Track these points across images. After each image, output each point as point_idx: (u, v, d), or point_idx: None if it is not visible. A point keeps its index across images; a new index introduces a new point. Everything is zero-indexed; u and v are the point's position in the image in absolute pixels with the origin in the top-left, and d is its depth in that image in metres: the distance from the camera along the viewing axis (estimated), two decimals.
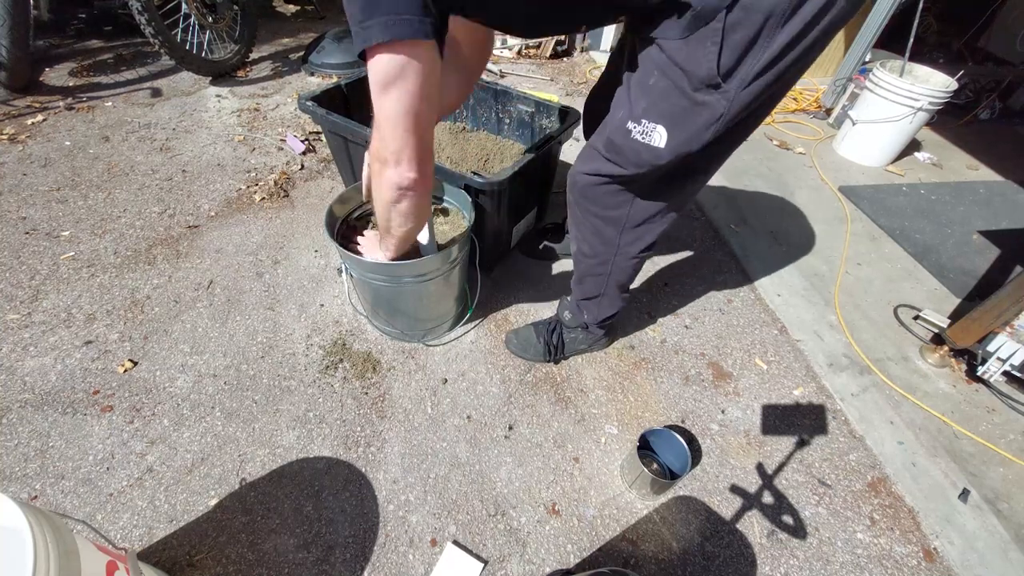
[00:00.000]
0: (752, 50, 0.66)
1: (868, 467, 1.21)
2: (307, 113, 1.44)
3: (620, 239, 1.03)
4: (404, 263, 1.10)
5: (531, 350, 1.34)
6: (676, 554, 1.04)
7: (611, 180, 0.92)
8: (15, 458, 1.06)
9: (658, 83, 0.75)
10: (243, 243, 1.63)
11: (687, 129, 0.76)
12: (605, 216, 1.00)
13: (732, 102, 0.71)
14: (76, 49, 2.64)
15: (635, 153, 0.82)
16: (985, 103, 2.94)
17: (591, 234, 1.06)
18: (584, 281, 1.18)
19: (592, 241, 1.07)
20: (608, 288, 1.16)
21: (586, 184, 0.97)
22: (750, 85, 0.69)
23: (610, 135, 0.85)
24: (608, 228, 1.02)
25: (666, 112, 0.76)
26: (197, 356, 1.29)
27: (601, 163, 0.91)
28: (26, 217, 1.62)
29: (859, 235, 1.97)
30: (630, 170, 0.86)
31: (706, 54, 0.68)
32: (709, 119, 0.73)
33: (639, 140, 0.80)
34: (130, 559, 0.69)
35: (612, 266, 1.09)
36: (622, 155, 0.85)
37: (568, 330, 1.32)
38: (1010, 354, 1.31)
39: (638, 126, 0.79)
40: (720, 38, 0.66)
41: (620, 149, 0.84)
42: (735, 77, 0.69)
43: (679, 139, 0.77)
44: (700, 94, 0.71)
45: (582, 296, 1.23)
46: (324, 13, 3.53)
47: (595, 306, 1.22)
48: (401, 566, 0.97)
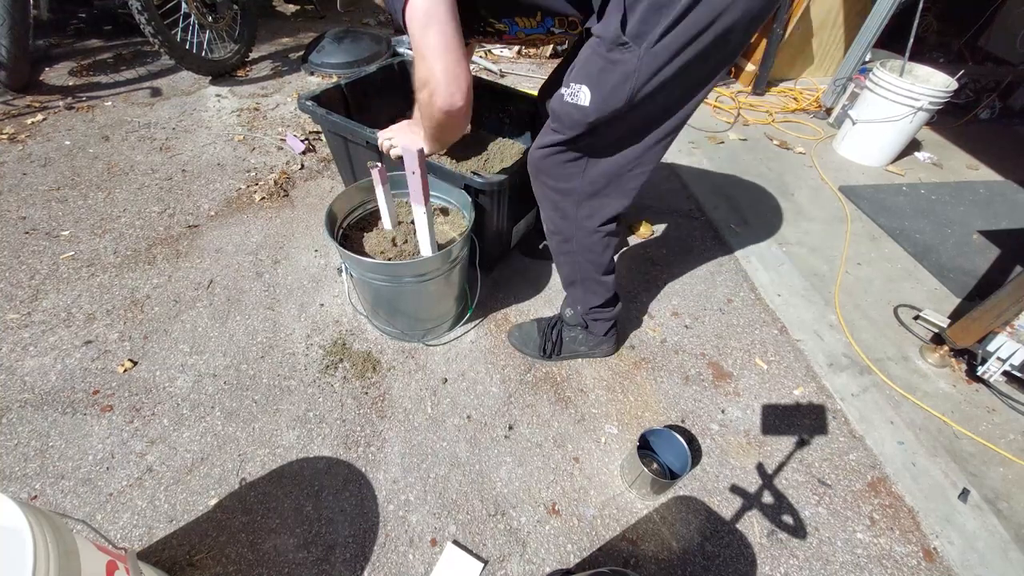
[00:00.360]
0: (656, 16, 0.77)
1: (868, 467, 1.21)
2: (307, 113, 1.44)
3: (577, 212, 1.08)
4: (404, 263, 1.10)
5: (530, 344, 1.35)
6: (676, 554, 1.04)
7: (557, 148, 1.00)
8: (15, 458, 1.06)
9: (582, 53, 0.88)
10: (243, 243, 1.63)
11: (605, 85, 0.85)
12: (559, 188, 1.06)
13: (642, 59, 0.80)
14: (76, 48, 2.64)
15: (568, 115, 0.92)
16: (985, 103, 2.94)
17: (551, 209, 1.12)
18: (560, 264, 1.23)
19: (552, 216, 1.13)
20: (582, 270, 1.19)
21: (539, 157, 1.04)
22: (656, 44, 0.79)
23: (551, 105, 0.95)
24: (564, 201, 1.08)
25: (587, 72, 0.87)
26: (197, 356, 1.29)
27: (548, 135, 1.00)
28: (26, 217, 1.62)
29: (859, 235, 1.97)
30: (568, 133, 0.95)
31: (612, 20, 0.81)
32: (623, 74, 0.83)
33: (569, 102, 0.90)
34: (130, 559, 0.69)
35: (575, 243, 1.13)
36: (560, 120, 0.94)
37: (568, 328, 1.32)
38: (1010, 354, 1.31)
39: (567, 89, 0.90)
40: (622, 7, 0.79)
41: (558, 114, 0.94)
42: (643, 38, 0.79)
43: (600, 95, 0.86)
44: (612, 53, 0.82)
45: (564, 282, 1.27)
46: (324, 13, 3.53)
47: (580, 293, 1.24)
48: (401, 566, 0.97)
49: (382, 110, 1.79)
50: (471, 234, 1.23)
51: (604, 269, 1.18)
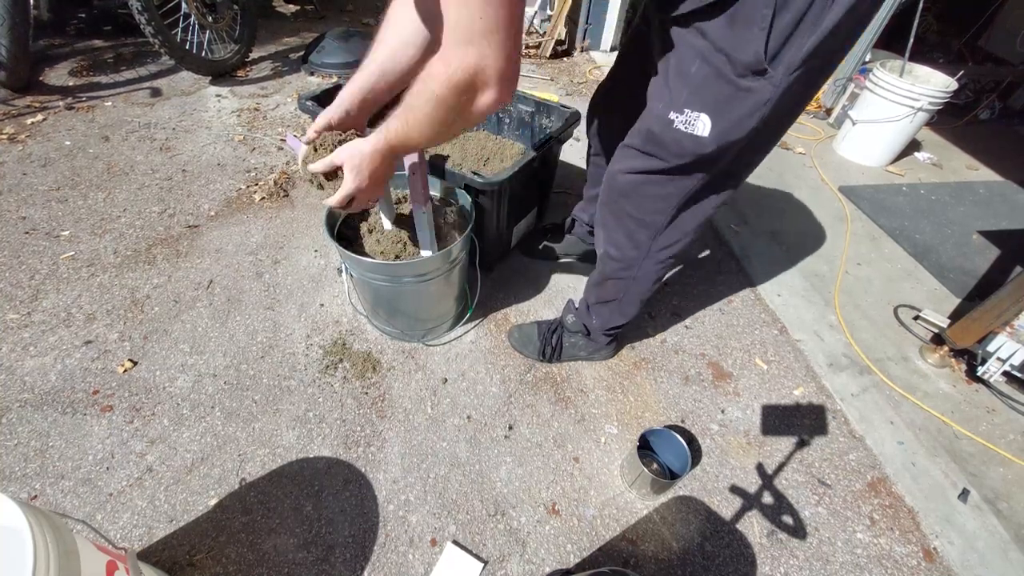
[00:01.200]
0: (797, 32, 0.63)
1: (868, 467, 1.21)
2: (307, 113, 1.44)
3: (653, 243, 0.99)
4: (404, 263, 1.10)
5: (530, 346, 1.35)
6: (676, 554, 1.04)
7: (653, 177, 0.89)
8: (15, 458, 1.06)
9: (700, 70, 0.72)
10: (243, 243, 1.63)
11: (731, 116, 0.73)
12: (641, 219, 0.96)
13: (778, 87, 0.68)
14: (76, 49, 2.64)
15: (677, 144, 0.80)
16: (985, 103, 2.95)
17: (623, 237, 1.02)
18: (605, 284, 1.15)
19: (622, 244, 1.03)
20: (628, 294, 1.13)
21: (626, 183, 0.93)
22: (797, 71, 0.66)
23: (650, 127, 0.82)
24: (641, 231, 0.98)
25: (709, 100, 0.73)
26: (197, 356, 1.29)
27: (640, 159, 0.88)
28: (26, 217, 1.62)
29: (859, 235, 1.97)
30: (672, 162, 0.83)
31: (752, 38, 0.65)
32: (754, 106, 0.71)
33: (682, 130, 0.77)
34: (130, 559, 0.69)
35: (638, 271, 1.06)
36: (663, 147, 0.82)
37: (568, 334, 1.32)
38: (1010, 354, 1.31)
39: (680, 115, 0.76)
40: (769, 22, 0.63)
41: (661, 140, 0.82)
42: (781, 62, 0.66)
43: (723, 127, 0.74)
44: (745, 80, 0.69)
45: (598, 299, 1.19)
46: (324, 13, 3.53)
47: (608, 311, 1.19)
48: (401, 566, 0.97)
49: (382, 110, 1.79)
50: (471, 234, 1.23)
51: (650, 294, 1.14)
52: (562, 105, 1.54)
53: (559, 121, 1.54)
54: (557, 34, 3.09)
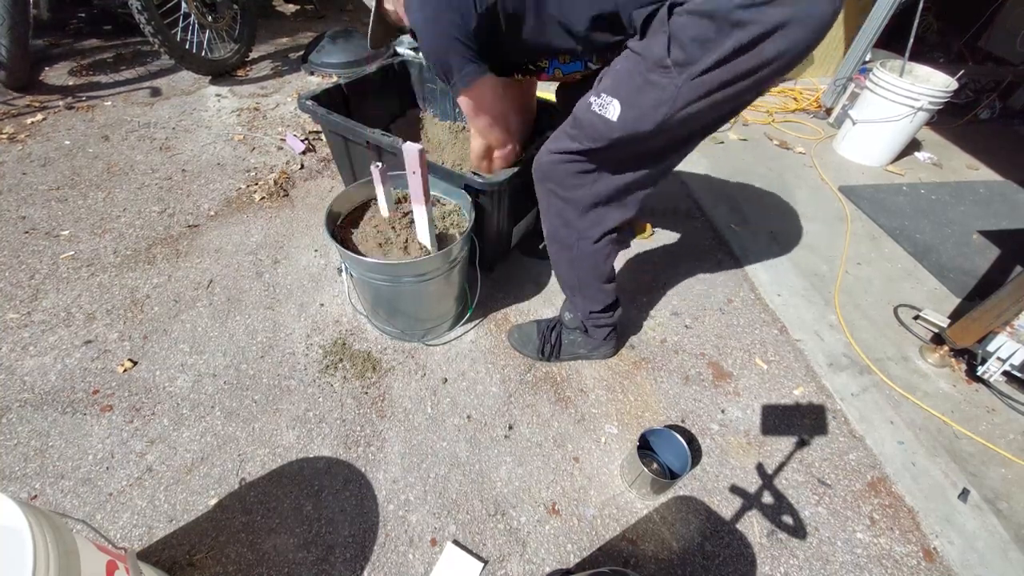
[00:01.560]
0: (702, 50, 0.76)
1: (868, 467, 1.21)
2: (307, 112, 1.44)
3: (580, 221, 1.07)
4: (404, 263, 1.10)
5: (529, 345, 1.35)
6: (676, 553, 1.04)
7: (571, 157, 0.99)
8: (15, 458, 1.06)
9: (621, 64, 0.87)
10: (243, 242, 1.62)
11: (638, 105, 0.84)
12: (565, 196, 1.05)
13: (680, 88, 0.80)
14: (76, 48, 2.64)
15: (592, 126, 0.91)
16: (985, 103, 2.94)
17: (554, 215, 1.11)
18: (559, 268, 1.22)
19: (555, 223, 1.12)
20: (582, 277, 1.18)
21: (548, 162, 1.03)
22: (697, 78, 0.78)
23: (575, 112, 0.95)
24: (568, 209, 1.07)
25: (621, 87, 0.86)
26: (197, 356, 1.29)
27: (564, 141, 0.99)
28: (25, 216, 1.62)
29: (859, 235, 1.97)
30: (587, 144, 0.94)
31: (658, 42, 0.80)
32: (658, 99, 0.82)
33: (596, 112, 0.89)
34: (130, 559, 0.69)
35: (576, 251, 1.13)
36: (581, 128, 0.93)
37: (568, 331, 1.32)
38: (1010, 354, 1.31)
39: (598, 99, 0.88)
40: (667, 32, 0.78)
41: (580, 123, 0.93)
42: (686, 68, 0.78)
43: (630, 114, 0.85)
44: (652, 74, 0.81)
45: (564, 286, 1.27)
46: (324, 12, 3.53)
47: (579, 299, 1.24)
48: (401, 566, 0.97)
49: (382, 110, 1.79)
50: (471, 234, 1.23)
51: (605, 278, 1.18)
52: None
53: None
54: None
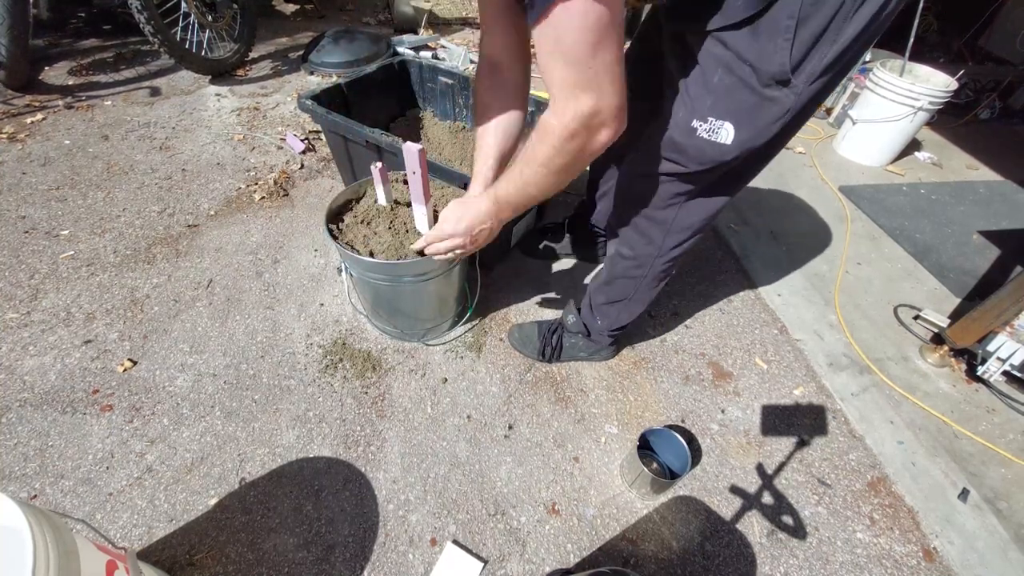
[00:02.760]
0: (819, 43, 0.65)
1: (868, 467, 1.21)
2: (307, 112, 1.44)
3: (665, 240, 1.01)
4: (404, 262, 1.10)
5: (529, 346, 1.35)
6: (676, 553, 1.04)
7: (669, 179, 0.91)
8: (14, 457, 1.06)
9: (723, 80, 0.73)
10: (243, 242, 1.62)
11: (754, 125, 0.75)
12: (652, 216, 0.98)
13: (800, 96, 0.70)
14: (75, 48, 2.64)
15: (699, 151, 0.81)
16: (985, 103, 2.94)
17: (636, 235, 1.04)
18: (614, 284, 1.15)
19: (635, 242, 1.05)
20: (637, 292, 1.14)
21: (643, 186, 0.95)
22: (817, 80, 0.68)
23: (671, 135, 0.84)
24: (653, 228, 1.00)
25: (733, 109, 0.74)
26: (197, 355, 1.29)
27: (658, 164, 0.89)
28: (25, 216, 1.62)
29: (859, 235, 1.97)
30: (692, 167, 0.85)
31: (777, 49, 0.66)
32: (777, 114, 0.73)
33: (704, 138, 0.78)
34: (130, 558, 0.69)
35: (649, 268, 1.07)
36: (684, 153, 0.84)
37: (569, 334, 1.31)
38: (1010, 354, 1.32)
39: (704, 124, 0.77)
40: (793, 33, 0.64)
41: (683, 148, 0.83)
42: (803, 72, 0.68)
43: (746, 135, 0.76)
44: (769, 90, 0.71)
45: (607, 299, 1.19)
46: (324, 12, 3.53)
47: (615, 311, 1.19)
48: (401, 565, 0.97)
49: (382, 109, 1.79)
50: None
51: (658, 290, 1.15)
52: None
53: None
54: None
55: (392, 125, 1.82)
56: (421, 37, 3.05)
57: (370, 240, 1.16)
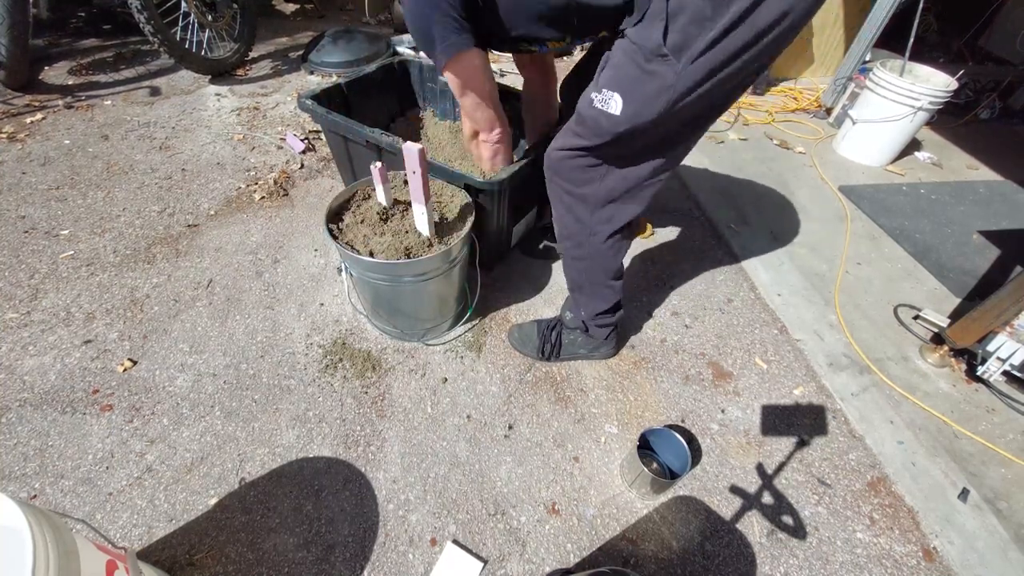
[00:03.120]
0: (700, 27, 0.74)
1: (868, 467, 1.21)
2: (307, 112, 1.44)
3: (591, 217, 1.07)
4: (404, 262, 1.10)
5: (529, 345, 1.35)
6: (676, 553, 1.04)
7: (577, 153, 0.98)
8: (14, 457, 1.06)
9: (617, 58, 0.85)
10: (243, 242, 1.62)
11: (639, 96, 0.83)
12: (575, 193, 1.05)
13: (680, 75, 0.78)
14: (75, 48, 2.64)
15: (595, 121, 0.89)
16: (985, 103, 2.94)
17: (564, 212, 1.10)
18: (569, 269, 1.22)
19: (566, 220, 1.11)
20: (592, 274, 1.18)
21: (557, 158, 1.03)
22: (696, 60, 0.76)
23: (578, 108, 0.93)
24: (579, 206, 1.07)
25: (621, 80, 0.84)
26: (197, 355, 1.29)
27: (570, 137, 0.98)
28: (25, 216, 1.62)
29: (859, 235, 1.97)
30: (592, 140, 0.93)
31: (653, 29, 0.77)
32: (659, 87, 0.80)
33: (599, 108, 0.87)
34: (130, 558, 0.69)
35: (588, 248, 1.12)
36: (585, 125, 0.92)
37: (568, 331, 1.32)
38: (1010, 354, 1.31)
39: (599, 95, 0.87)
40: (665, 14, 0.76)
41: (584, 119, 0.92)
42: (684, 52, 0.76)
43: (633, 107, 0.84)
44: (650, 64, 0.80)
45: (570, 287, 1.26)
46: (324, 12, 3.53)
47: (585, 298, 1.23)
48: (401, 565, 0.97)
49: (382, 109, 1.79)
50: (471, 233, 1.23)
51: (614, 274, 1.18)
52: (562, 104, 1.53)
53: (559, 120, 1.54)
54: None
55: (392, 125, 1.82)
56: None
57: (370, 240, 1.16)
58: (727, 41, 0.74)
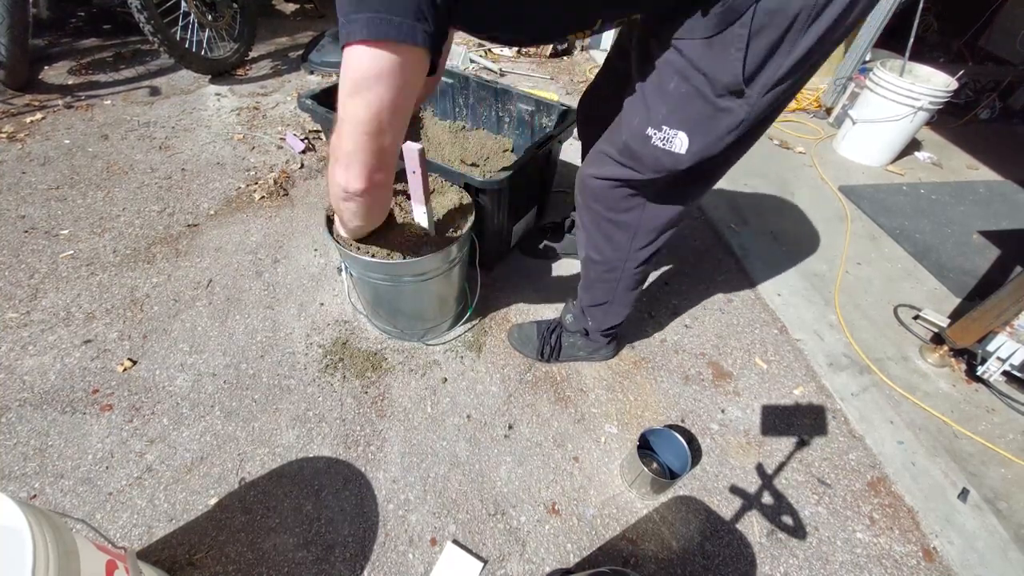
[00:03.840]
0: (775, 55, 0.66)
1: (868, 467, 1.21)
2: (307, 112, 1.44)
3: (631, 243, 1.01)
4: (404, 262, 1.09)
5: (529, 346, 1.34)
6: (676, 553, 1.04)
7: (622, 184, 0.91)
8: (14, 457, 1.05)
9: (679, 88, 0.74)
10: (242, 242, 1.62)
11: (708, 135, 0.75)
12: (617, 220, 0.98)
13: (753, 107, 0.71)
14: (75, 47, 2.64)
15: (654, 159, 0.82)
16: (985, 103, 2.94)
17: (602, 239, 1.04)
18: (593, 287, 1.15)
19: (602, 246, 1.05)
20: (617, 295, 1.14)
21: (597, 187, 0.95)
22: (771, 91, 0.69)
23: (627, 141, 0.84)
24: (619, 232, 1.00)
25: (688, 118, 0.75)
26: (196, 355, 1.29)
27: (614, 167, 0.90)
28: (25, 216, 1.62)
29: (859, 235, 1.97)
30: (647, 175, 0.86)
31: (730, 60, 0.67)
32: (730, 125, 0.73)
33: (659, 146, 0.79)
34: (130, 558, 0.69)
35: (622, 272, 1.07)
36: (639, 161, 0.84)
37: (568, 334, 1.31)
38: (1010, 354, 1.32)
39: (659, 132, 0.78)
40: (745, 43, 0.65)
41: (638, 155, 0.84)
42: (757, 83, 0.68)
43: (700, 144, 0.76)
44: (723, 100, 0.71)
45: (590, 303, 1.19)
46: (324, 11, 3.52)
47: (602, 313, 1.20)
48: (401, 565, 0.97)
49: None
50: (471, 233, 1.23)
51: (638, 294, 1.15)
52: (562, 104, 1.54)
53: (559, 120, 1.54)
54: None
55: None
56: None
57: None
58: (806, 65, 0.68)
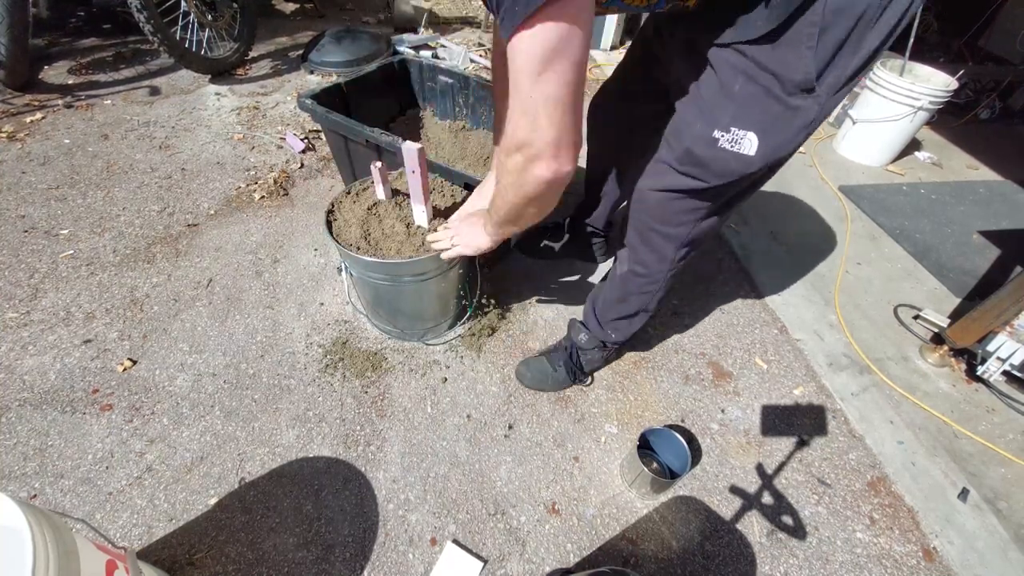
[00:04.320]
0: (841, 53, 0.65)
1: (868, 467, 1.21)
2: (307, 111, 1.44)
3: (675, 254, 0.99)
4: (404, 262, 1.10)
5: (550, 380, 1.28)
6: (676, 553, 1.04)
7: (685, 195, 0.87)
8: (14, 457, 1.05)
9: (745, 88, 0.72)
10: (242, 242, 1.62)
11: (780, 135, 0.73)
12: (667, 233, 0.95)
13: (823, 107, 0.69)
14: (75, 47, 2.63)
15: (723, 163, 0.78)
16: (985, 103, 2.94)
17: (650, 253, 1.01)
18: (628, 300, 1.11)
19: (648, 260, 1.02)
20: (649, 307, 1.12)
21: (656, 200, 0.91)
22: (840, 90, 0.68)
23: (690, 147, 0.80)
24: (667, 246, 0.98)
25: (757, 119, 0.73)
26: (196, 355, 1.29)
27: (675, 177, 0.85)
28: (25, 215, 1.62)
29: (859, 235, 1.97)
30: (713, 182, 0.82)
31: (801, 57, 0.65)
32: (802, 123, 0.71)
33: (728, 149, 0.76)
34: (129, 558, 0.69)
35: (661, 283, 1.05)
36: (705, 167, 0.80)
37: (584, 352, 1.26)
38: (1010, 354, 1.32)
39: (726, 134, 0.75)
40: (816, 40, 0.63)
41: (703, 160, 0.80)
42: (825, 81, 0.67)
43: (771, 145, 0.74)
44: (794, 99, 0.69)
45: (619, 315, 1.15)
46: (324, 11, 3.52)
47: (627, 324, 1.17)
48: (401, 565, 0.97)
49: (382, 109, 1.79)
50: None
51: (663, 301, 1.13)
52: None
53: None
54: None
55: (392, 124, 1.82)
56: (421, 36, 3.04)
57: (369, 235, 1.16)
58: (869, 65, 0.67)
